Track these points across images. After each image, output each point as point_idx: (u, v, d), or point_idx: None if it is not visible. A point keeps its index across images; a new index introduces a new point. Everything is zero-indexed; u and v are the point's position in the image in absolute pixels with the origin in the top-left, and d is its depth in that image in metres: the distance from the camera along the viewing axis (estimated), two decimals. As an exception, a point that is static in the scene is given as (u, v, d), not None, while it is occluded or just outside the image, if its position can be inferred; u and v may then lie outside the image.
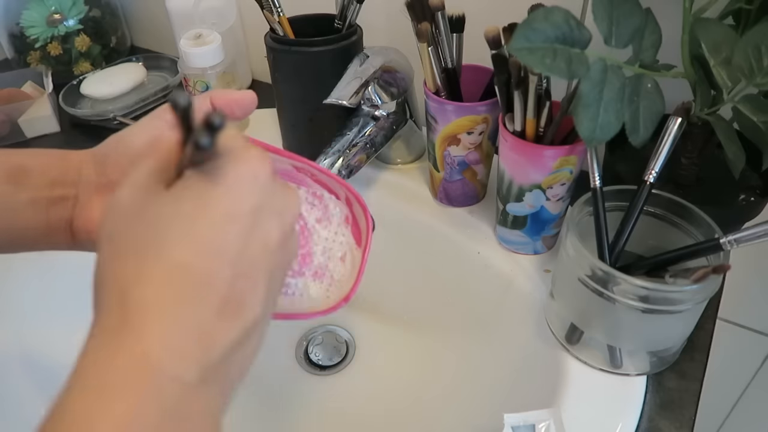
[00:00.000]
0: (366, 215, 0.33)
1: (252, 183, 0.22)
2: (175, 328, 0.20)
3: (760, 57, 0.34)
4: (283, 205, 0.24)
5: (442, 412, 0.51)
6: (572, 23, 0.35)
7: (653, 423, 0.38)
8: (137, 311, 0.20)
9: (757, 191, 0.43)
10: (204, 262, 0.21)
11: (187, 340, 0.20)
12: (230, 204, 0.22)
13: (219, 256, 0.21)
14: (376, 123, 0.53)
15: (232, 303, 0.21)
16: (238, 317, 0.22)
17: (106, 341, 0.20)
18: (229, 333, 0.21)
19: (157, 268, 0.21)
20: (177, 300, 0.20)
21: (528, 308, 0.47)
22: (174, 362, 0.20)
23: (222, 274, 0.21)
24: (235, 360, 0.22)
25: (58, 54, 0.77)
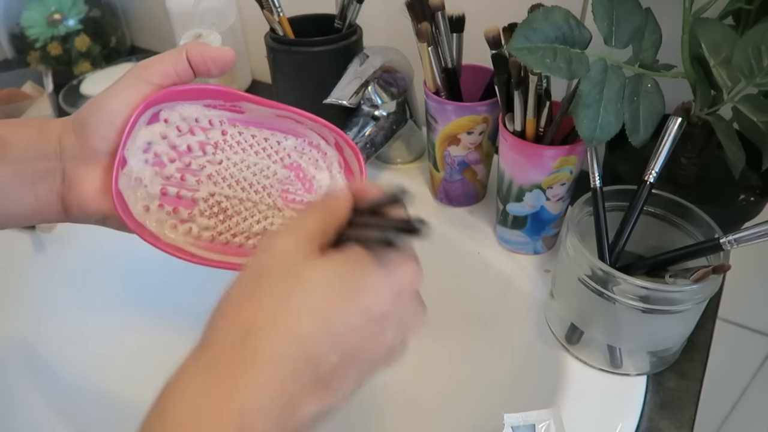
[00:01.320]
0: (357, 157, 0.33)
1: (398, 292, 0.23)
2: (272, 386, 0.21)
3: (760, 57, 0.34)
4: (409, 320, 0.25)
5: (442, 411, 0.51)
6: (572, 23, 0.35)
7: (653, 423, 0.38)
8: (249, 357, 0.21)
9: (757, 191, 0.43)
10: (320, 340, 0.22)
11: (276, 403, 0.21)
12: (368, 303, 0.23)
13: (334, 341, 0.22)
14: (376, 123, 0.53)
15: (324, 385, 0.22)
16: (323, 399, 0.22)
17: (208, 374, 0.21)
18: (310, 409, 0.22)
19: (283, 327, 0.22)
20: (285, 364, 0.21)
21: (528, 308, 0.47)
22: (258, 419, 0.21)
23: (329, 358, 0.22)
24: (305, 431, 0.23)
25: (58, 54, 0.77)
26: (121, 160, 0.29)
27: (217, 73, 0.31)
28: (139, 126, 0.30)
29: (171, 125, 0.31)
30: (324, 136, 0.33)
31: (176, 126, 0.31)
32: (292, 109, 0.32)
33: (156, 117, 0.30)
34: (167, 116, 0.31)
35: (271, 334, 0.21)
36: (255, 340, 0.21)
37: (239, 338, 0.22)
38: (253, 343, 0.21)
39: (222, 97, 0.31)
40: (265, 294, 0.23)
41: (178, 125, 0.31)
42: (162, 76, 0.30)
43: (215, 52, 0.30)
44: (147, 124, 0.30)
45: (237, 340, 0.22)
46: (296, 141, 0.33)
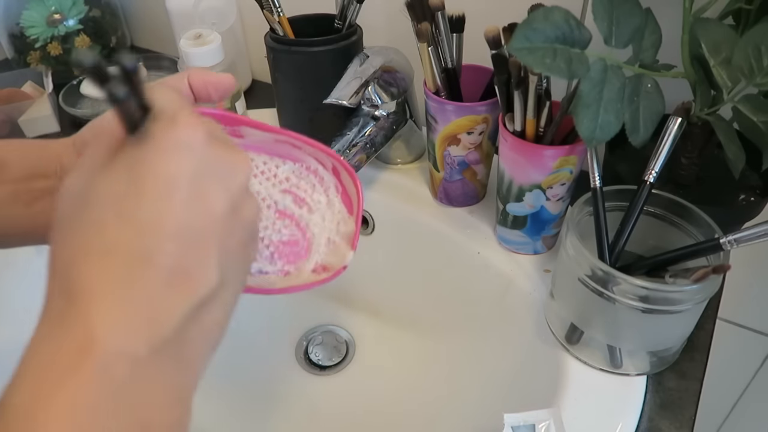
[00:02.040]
0: (355, 183, 0.33)
1: (183, 149, 0.21)
2: (118, 305, 0.20)
3: (760, 57, 0.34)
4: (227, 170, 0.23)
5: (442, 412, 0.51)
6: (572, 23, 0.35)
7: (653, 423, 0.38)
8: (79, 292, 0.20)
9: (757, 191, 0.43)
10: (140, 237, 0.20)
11: (133, 316, 0.20)
12: (162, 174, 0.21)
13: (156, 230, 0.20)
14: (376, 123, 0.53)
15: (179, 275, 0.21)
16: (187, 289, 0.21)
17: (50, 329, 0.20)
18: (179, 305, 0.21)
19: (95, 249, 0.20)
20: (119, 279, 0.20)
21: (528, 308, 0.47)
22: (120, 339, 0.19)
23: (162, 248, 0.20)
24: (194, 331, 0.22)
25: (58, 54, 0.77)
26: None
27: (217, 98, 0.31)
28: None
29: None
30: (321, 160, 0.33)
31: None
32: (291, 133, 0.32)
33: None
34: None
35: (86, 263, 0.20)
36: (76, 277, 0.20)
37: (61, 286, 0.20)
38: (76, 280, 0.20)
39: (222, 120, 0.31)
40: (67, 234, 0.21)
41: None
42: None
43: (216, 78, 0.30)
44: None
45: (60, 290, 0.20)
46: (294, 166, 0.33)
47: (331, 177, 0.34)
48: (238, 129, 0.31)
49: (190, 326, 0.21)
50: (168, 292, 0.20)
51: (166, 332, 0.20)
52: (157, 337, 0.20)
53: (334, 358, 0.59)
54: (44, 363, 0.19)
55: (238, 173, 0.23)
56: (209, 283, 0.22)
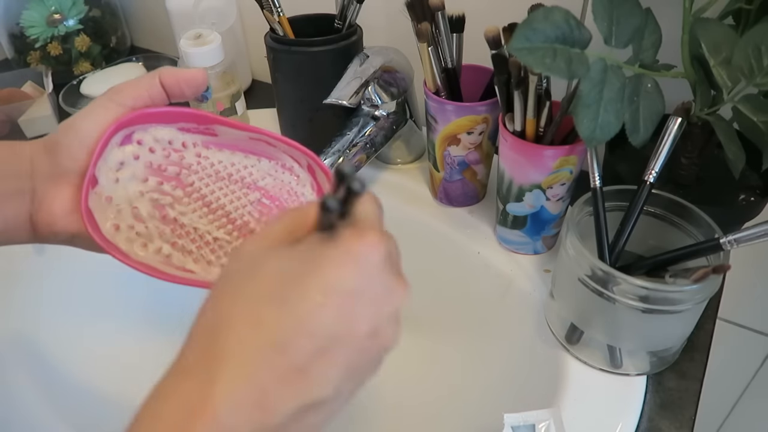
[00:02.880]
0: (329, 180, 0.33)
1: (359, 264, 0.22)
2: (242, 380, 0.21)
3: (760, 57, 0.34)
4: (384, 296, 0.23)
5: (442, 411, 0.51)
6: (572, 23, 0.35)
7: (653, 423, 0.38)
8: (216, 355, 0.21)
9: (757, 191, 0.43)
10: (286, 327, 0.21)
11: (248, 396, 0.21)
12: (330, 279, 0.22)
13: (302, 325, 0.21)
14: (376, 123, 0.53)
15: (301, 375, 0.21)
16: (302, 389, 0.22)
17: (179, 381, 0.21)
18: (289, 401, 0.21)
19: (246, 320, 0.21)
20: (253, 355, 0.21)
21: (528, 308, 0.47)
22: (230, 413, 0.20)
23: (299, 343, 0.21)
24: (292, 428, 0.22)
25: (58, 54, 0.77)
26: (92, 179, 0.29)
27: (190, 95, 0.31)
28: (111, 146, 0.30)
29: (144, 147, 0.31)
30: (297, 158, 0.34)
31: (149, 148, 0.31)
32: (265, 131, 0.32)
33: (129, 138, 0.30)
34: (140, 138, 0.31)
35: (233, 329, 0.21)
36: (218, 339, 0.21)
37: (205, 343, 0.22)
38: (217, 341, 0.21)
39: (195, 120, 0.31)
40: (227, 293, 0.22)
41: (152, 147, 0.31)
42: (134, 98, 0.30)
43: (188, 74, 0.31)
44: (120, 145, 0.30)
45: (203, 345, 0.22)
46: (269, 164, 0.33)
47: (306, 175, 0.34)
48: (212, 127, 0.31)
49: (292, 423, 0.22)
50: (285, 386, 0.21)
51: (269, 421, 0.21)
52: (260, 424, 0.21)
53: (334, 358, 0.59)
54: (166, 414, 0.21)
55: (394, 300, 0.24)
56: (324, 391, 0.22)
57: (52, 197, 0.30)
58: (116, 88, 0.30)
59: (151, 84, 0.30)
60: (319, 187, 0.34)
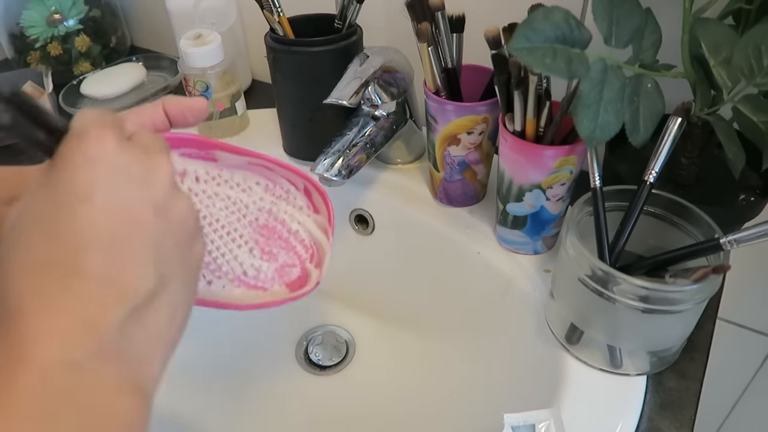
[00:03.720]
0: (326, 202, 0.34)
1: (92, 161, 0.22)
2: (50, 317, 0.20)
3: (760, 57, 0.34)
4: (144, 174, 0.23)
5: (442, 412, 0.51)
6: (572, 23, 0.35)
7: (653, 423, 0.38)
8: (16, 308, 0.21)
9: (757, 191, 0.43)
10: (66, 251, 0.21)
11: (66, 326, 0.20)
12: (73, 188, 0.22)
13: (77, 242, 0.21)
14: (376, 123, 0.53)
15: (110, 283, 0.21)
16: (118, 295, 0.22)
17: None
18: (112, 311, 0.21)
19: (28, 267, 0.21)
20: (49, 292, 0.21)
21: (528, 308, 0.47)
22: (54, 348, 0.20)
23: (86, 259, 0.21)
24: (137, 332, 0.22)
25: (58, 54, 0.77)
26: None
27: (193, 122, 0.32)
28: None
29: None
30: (293, 181, 0.34)
31: None
32: (263, 156, 0.33)
33: None
34: None
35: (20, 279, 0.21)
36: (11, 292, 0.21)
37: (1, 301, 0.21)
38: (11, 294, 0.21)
39: (195, 145, 0.32)
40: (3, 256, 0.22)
41: None
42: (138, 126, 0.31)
43: (191, 102, 0.32)
44: None
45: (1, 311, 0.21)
46: (267, 187, 0.34)
47: (302, 197, 0.35)
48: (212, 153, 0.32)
49: (131, 328, 0.22)
50: (100, 300, 0.21)
51: (102, 337, 0.21)
52: (94, 343, 0.21)
53: (334, 358, 0.59)
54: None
55: (157, 174, 0.24)
56: (143, 287, 0.22)
57: None
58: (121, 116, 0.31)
59: (154, 112, 0.31)
60: (315, 208, 0.34)
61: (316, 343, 0.60)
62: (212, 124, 0.65)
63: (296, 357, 0.59)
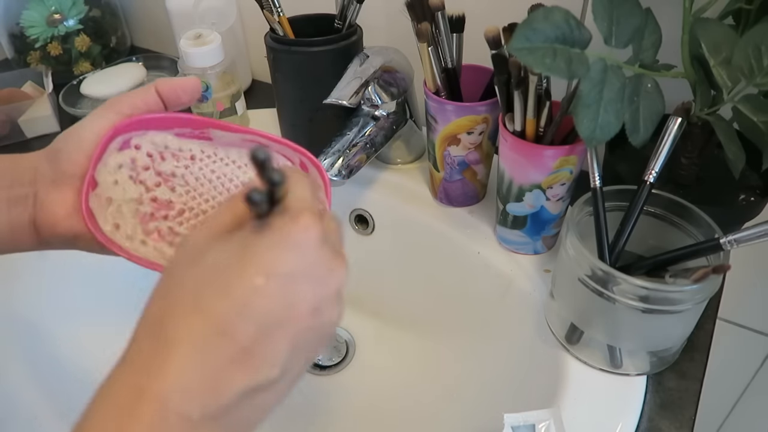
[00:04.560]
0: (322, 175, 0.34)
1: (294, 248, 0.23)
2: (190, 367, 0.22)
3: (760, 57, 0.34)
4: (324, 274, 0.24)
5: (442, 412, 0.51)
6: (572, 23, 0.35)
7: (653, 423, 0.38)
8: (165, 343, 0.22)
9: (757, 191, 0.43)
10: (229, 311, 0.22)
11: (197, 382, 0.22)
12: (267, 263, 0.22)
13: (243, 309, 0.22)
14: (376, 123, 0.53)
15: (247, 357, 0.22)
16: (250, 371, 0.23)
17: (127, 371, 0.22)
18: (238, 383, 0.22)
19: (190, 307, 0.22)
20: (200, 341, 0.22)
21: (528, 308, 0.47)
22: (183, 399, 0.21)
23: (243, 327, 0.22)
24: (245, 408, 0.23)
25: (58, 54, 0.77)
26: (91, 181, 0.31)
27: (187, 101, 0.33)
28: (110, 151, 0.31)
29: (142, 151, 0.32)
30: (289, 157, 0.35)
31: (147, 152, 0.32)
32: (257, 131, 0.33)
33: (127, 144, 0.32)
34: (138, 143, 0.32)
35: (178, 318, 0.22)
36: (166, 328, 0.22)
37: (154, 332, 0.22)
38: (165, 330, 0.22)
39: (189, 125, 0.33)
40: (172, 283, 0.23)
41: (149, 151, 0.33)
42: (131, 107, 0.32)
43: (183, 81, 0.32)
44: (118, 149, 0.32)
45: (152, 335, 0.22)
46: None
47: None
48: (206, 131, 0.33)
49: (243, 403, 0.23)
50: (233, 368, 0.22)
51: (220, 403, 0.22)
52: (212, 407, 0.22)
53: (334, 358, 0.59)
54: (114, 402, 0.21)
55: (333, 279, 0.25)
56: (271, 372, 0.23)
57: (53, 200, 0.31)
58: (114, 99, 0.32)
59: (147, 93, 0.32)
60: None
61: (316, 343, 0.60)
62: (212, 124, 0.65)
63: (296, 357, 0.59)
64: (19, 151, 0.33)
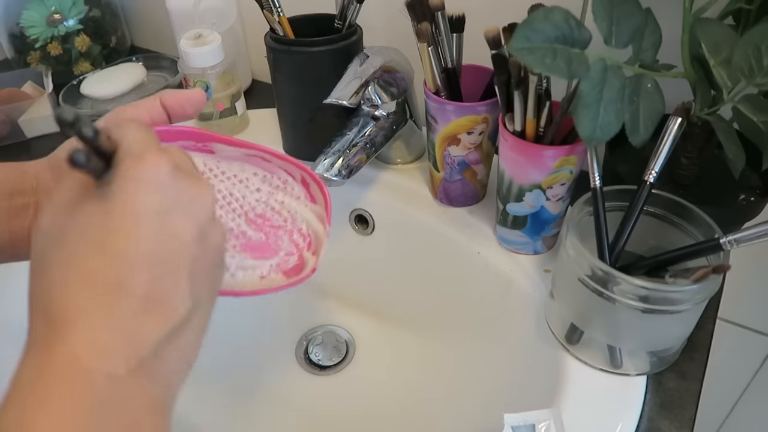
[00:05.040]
0: (323, 192, 0.34)
1: (149, 185, 0.23)
2: (97, 329, 0.21)
3: (760, 57, 0.34)
4: (192, 201, 0.24)
5: (442, 412, 0.51)
6: (572, 23, 0.35)
7: (653, 423, 0.38)
8: (60, 318, 0.21)
9: (757, 191, 0.43)
10: (114, 268, 0.22)
11: (112, 339, 0.21)
12: (130, 210, 0.22)
13: (127, 260, 0.22)
14: (376, 123, 0.53)
15: (153, 303, 0.22)
16: (161, 316, 0.22)
17: (35, 351, 0.21)
18: (154, 330, 0.22)
19: (73, 279, 0.22)
20: (96, 306, 0.21)
21: (528, 308, 0.47)
22: (101, 359, 0.21)
23: (135, 278, 0.22)
24: (169, 353, 0.23)
25: (58, 54, 0.77)
26: None
27: (192, 113, 0.33)
28: None
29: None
30: (291, 172, 0.35)
31: None
32: (260, 147, 0.34)
33: None
34: None
35: (64, 291, 0.22)
36: (55, 304, 0.21)
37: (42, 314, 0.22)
38: (55, 307, 0.21)
39: (192, 138, 0.33)
40: (45, 267, 0.23)
41: None
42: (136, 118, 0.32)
43: (188, 93, 0.32)
44: None
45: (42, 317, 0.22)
46: (264, 178, 0.35)
47: (300, 188, 0.35)
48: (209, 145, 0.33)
49: (166, 348, 0.23)
50: (143, 318, 0.22)
51: (142, 354, 0.22)
52: (134, 359, 0.22)
53: (334, 358, 0.59)
54: (31, 381, 0.20)
55: (203, 203, 0.25)
56: (182, 309, 0.23)
57: None
58: (119, 110, 0.32)
59: (152, 105, 0.31)
60: (312, 198, 0.35)
61: (316, 343, 0.60)
62: (212, 124, 0.65)
63: (296, 357, 0.59)
64: (19, 150, 0.33)
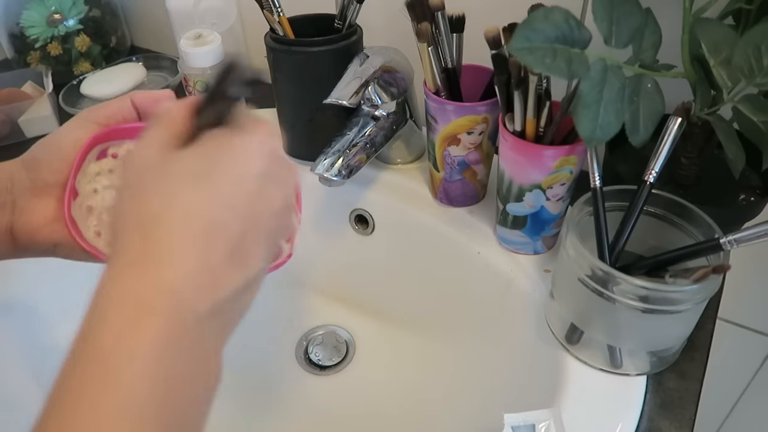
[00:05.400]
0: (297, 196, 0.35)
1: (261, 151, 0.25)
2: (193, 264, 0.22)
3: (760, 57, 0.34)
4: (286, 177, 0.27)
5: (442, 412, 0.51)
6: (572, 23, 0.35)
7: (653, 423, 0.38)
8: (161, 246, 0.22)
9: (757, 191, 0.43)
10: (219, 213, 0.23)
11: (203, 278, 0.22)
12: (244, 166, 0.24)
13: (232, 209, 0.23)
14: (376, 123, 0.53)
15: (239, 254, 0.24)
16: (242, 267, 0.24)
17: (129, 272, 0.22)
18: (234, 279, 0.24)
19: (178, 212, 0.23)
20: (195, 241, 0.22)
21: (528, 308, 0.47)
22: (192, 294, 0.22)
23: (233, 226, 0.23)
24: (236, 304, 0.24)
25: (58, 54, 0.77)
26: (72, 190, 0.32)
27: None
28: (88, 160, 0.32)
29: (119, 160, 0.33)
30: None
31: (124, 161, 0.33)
32: None
33: (104, 153, 0.33)
34: (115, 152, 0.33)
35: (168, 221, 0.22)
36: (157, 231, 0.23)
37: (141, 238, 0.22)
38: (157, 233, 0.22)
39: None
40: (146, 194, 0.24)
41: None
42: (108, 117, 0.33)
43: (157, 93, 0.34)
44: (96, 159, 0.32)
45: (140, 240, 0.22)
46: None
47: None
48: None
49: (236, 299, 0.24)
50: (230, 265, 0.23)
51: (221, 299, 0.23)
52: (216, 302, 0.23)
53: (334, 358, 0.59)
54: (130, 300, 0.21)
55: (291, 181, 0.27)
56: (258, 266, 0.25)
57: (32, 208, 0.31)
58: (91, 108, 0.33)
59: (122, 105, 0.33)
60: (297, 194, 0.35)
61: (316, 343, 0.60)
62: (212, 124, 0.65)
63: (296, 357, 0.59)
64: (19, 151, 0.33)
